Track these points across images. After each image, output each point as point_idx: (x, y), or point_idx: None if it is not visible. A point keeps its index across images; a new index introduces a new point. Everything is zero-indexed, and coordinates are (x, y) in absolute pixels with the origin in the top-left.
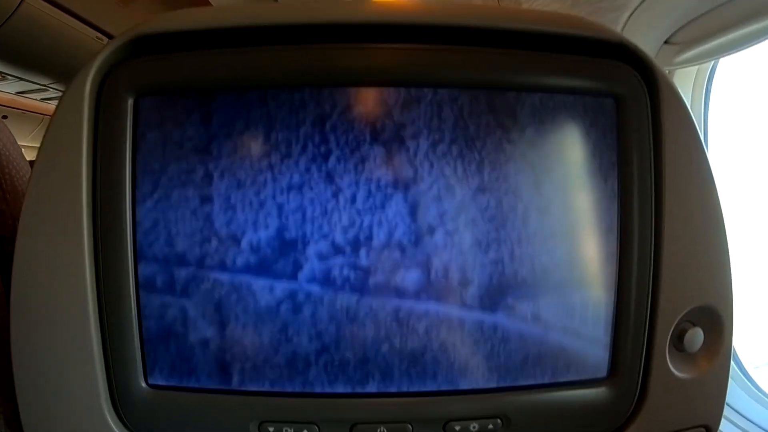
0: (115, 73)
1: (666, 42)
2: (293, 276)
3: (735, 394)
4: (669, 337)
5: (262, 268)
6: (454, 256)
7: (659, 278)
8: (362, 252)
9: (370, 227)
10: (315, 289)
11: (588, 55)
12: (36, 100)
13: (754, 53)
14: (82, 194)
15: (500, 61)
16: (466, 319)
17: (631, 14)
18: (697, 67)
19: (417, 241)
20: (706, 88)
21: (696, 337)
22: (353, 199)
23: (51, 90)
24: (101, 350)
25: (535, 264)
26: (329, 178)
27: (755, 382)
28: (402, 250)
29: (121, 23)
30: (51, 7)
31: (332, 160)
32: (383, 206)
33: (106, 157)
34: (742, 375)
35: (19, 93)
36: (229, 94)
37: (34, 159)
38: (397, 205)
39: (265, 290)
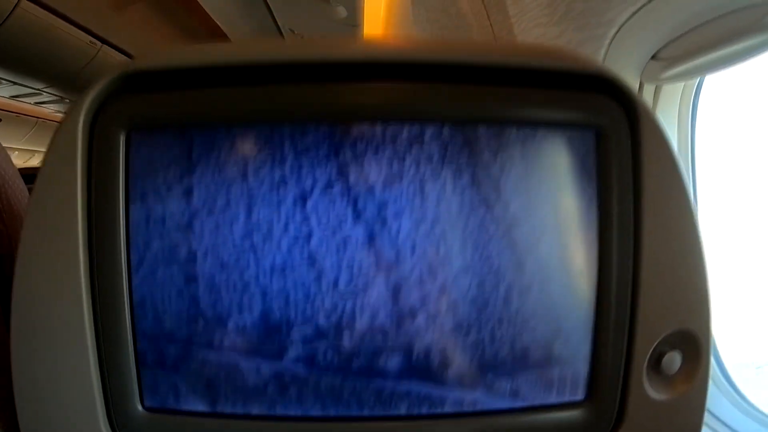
0: (107, 107)
1: (653, 57)
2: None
3: (717, 401)
4: (647, 360)
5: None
6: (439, 302)
7: (637, 305)
8: (345, 334)
9: (353, 311)
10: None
11: (569, 83)
12: (30, 103)
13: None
14: (78, 226)
15: (479, 96)
16: (445, 348)
17: (618, 30)
18: (683, 82)
19: (399, 321)
20: (693, 103)
21: (674, 360)
22: (336, 283)
23: (45, 94)
24: (99, 373)
25: (515, 291)
26: (311, 260)
27: (738, 389)
28: (384, 330)
29: (115, 28)
30: (45, 12)
31: (314, 241)
32: (365, 289)
33: (101, 190)
34: (725, 381)
35: (13, 97)
36: (215, 141)
37: (27, 163)
38: (379, 289)
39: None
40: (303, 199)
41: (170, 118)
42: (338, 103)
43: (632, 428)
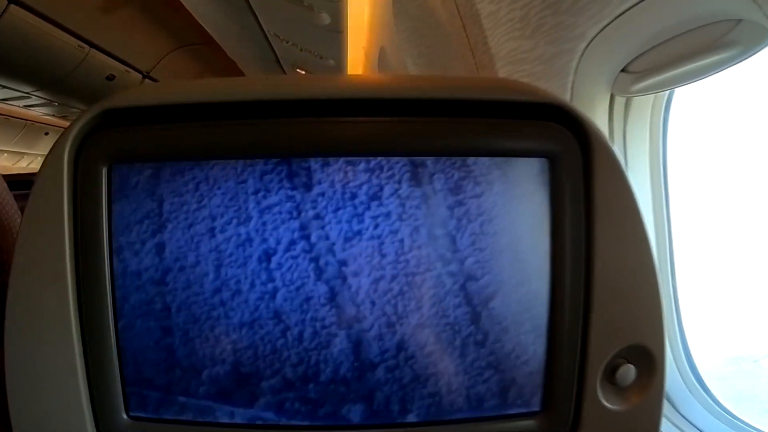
0: (90, 142)
1: (623, 70)
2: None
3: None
4: (600, 373)
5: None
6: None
7: (590, 321)
8: (311, 386)
9: (317, 364)
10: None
11: (524, 113)
12: (19, 106)
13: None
14: (65, 250)
15: (439, 129)
16: (401, 353)
17: (589, 44)
18: (654, 94)
19: (361, 372)
20: (664, 115)
21: (628, 372)
22: (300, 338)
23: (34, 97)
24: (86, 383)
25: (472, 309)
26: (277, 315)
27: (710, 391)
28: (346, 382)
29: (103, 32)
30: (34, 16)
31: (279, 297)
32: (328, 344)
33: (86, 220)
34: (696, 383)
35: (2, 100)
36: (194, 178)
37: (17, 164)
38: (341, 344)
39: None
40: (268, 258)
41: (148, 152)
42: (301, 137)
43: None
